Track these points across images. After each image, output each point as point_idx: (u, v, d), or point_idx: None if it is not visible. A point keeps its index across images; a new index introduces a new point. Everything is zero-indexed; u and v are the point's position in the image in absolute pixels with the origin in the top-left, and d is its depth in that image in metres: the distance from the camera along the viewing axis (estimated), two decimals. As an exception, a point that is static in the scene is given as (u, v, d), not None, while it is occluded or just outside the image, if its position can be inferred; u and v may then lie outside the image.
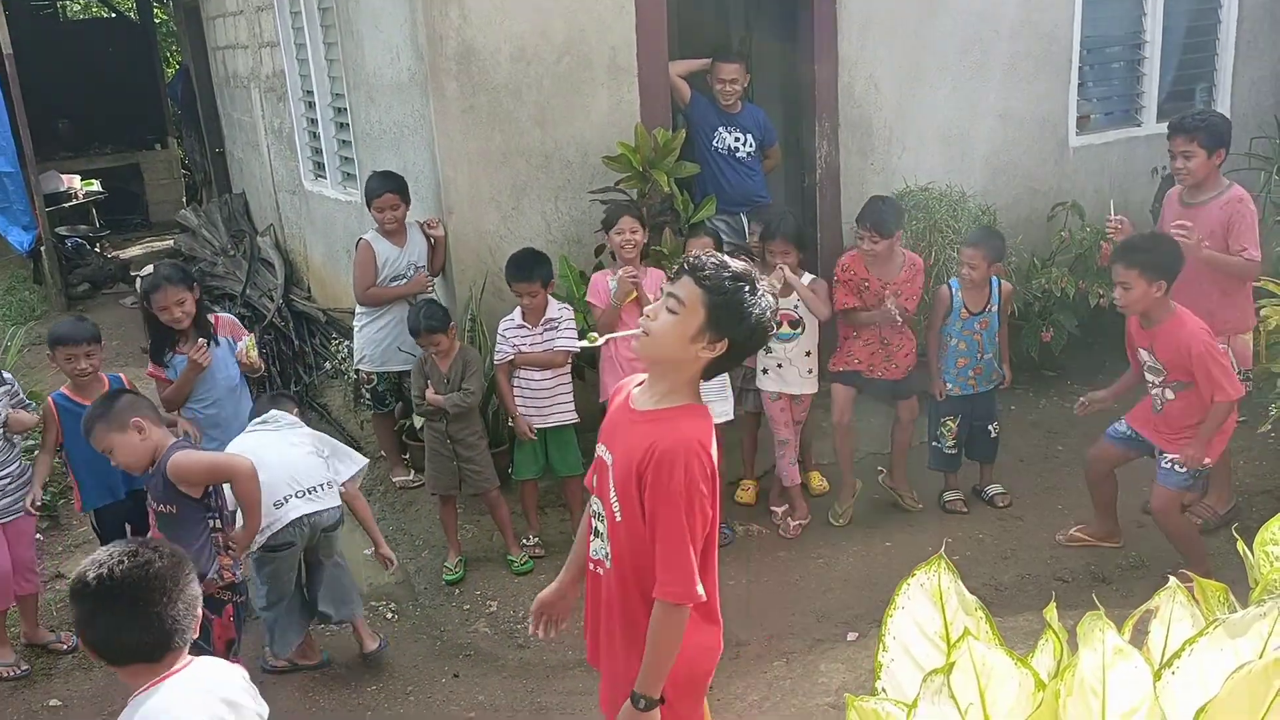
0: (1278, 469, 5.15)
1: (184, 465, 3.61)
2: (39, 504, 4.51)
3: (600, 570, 2.61)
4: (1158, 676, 1.55)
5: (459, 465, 4.93)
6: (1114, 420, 4.69)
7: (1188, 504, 4.68)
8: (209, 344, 4.61)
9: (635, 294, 4.89)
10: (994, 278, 5.15)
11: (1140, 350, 4.41)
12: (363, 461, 4.49)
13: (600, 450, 2.59)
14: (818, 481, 5.63)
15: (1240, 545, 2.06)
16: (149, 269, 4.77)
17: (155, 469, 3.61)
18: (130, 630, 2.14)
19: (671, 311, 2.40)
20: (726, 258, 2.47)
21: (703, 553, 2.46)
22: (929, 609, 1.70)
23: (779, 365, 5.14)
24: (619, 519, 2.48)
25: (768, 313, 2.44)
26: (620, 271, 4.89)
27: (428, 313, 4.92)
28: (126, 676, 2.19)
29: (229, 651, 3.69)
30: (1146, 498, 5.12)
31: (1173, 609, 1.69)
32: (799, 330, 5.07)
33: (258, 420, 4.32)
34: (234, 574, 3.79)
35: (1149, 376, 4.42)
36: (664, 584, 2.40)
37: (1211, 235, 4.57)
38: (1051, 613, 1.61)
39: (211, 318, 4.79)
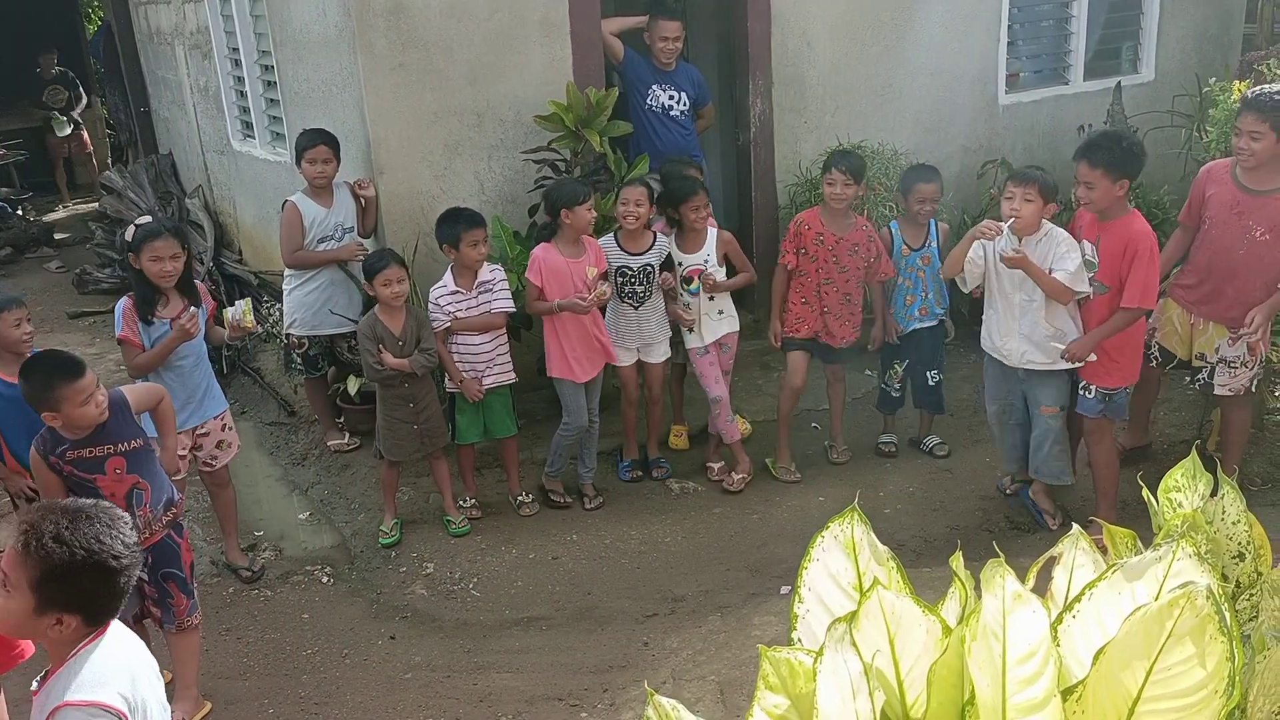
0: (1195, 419, 5.30)
1: (135, 394, 3.79)
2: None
3: None
4: (1059, 620, 1.61)
5: (419, 428, 4.88)
6: None
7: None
8: (197, 310, 4.37)
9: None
10: (931, 219, 5.25)
11: (1084, 243, 4.40)
12: None
13: None
14: (743, 426, 5.69)
15: (1145, 492, 2.13)
16: (145, 219, 4.58)
17: (112, 411, 3.59)
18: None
19: None
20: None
21: None
22: (843, 560, 1.74)
23: (689, 330, 5.20)
24: None
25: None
26: (593, 283, 4.87)
27: (378, 254, 4.87)
28: (72, 635, 2.10)
29: (191, 572, 3.81)
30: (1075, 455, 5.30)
31: (1075, 555, 1.75)
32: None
33: None
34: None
35: None
36: None
37: (1273, 228, 4.35)
38: (957, 561, 1.66)
39: (197, 284, 4.59)
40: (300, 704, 3.97)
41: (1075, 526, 1.79)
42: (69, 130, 11.89)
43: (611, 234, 5.18)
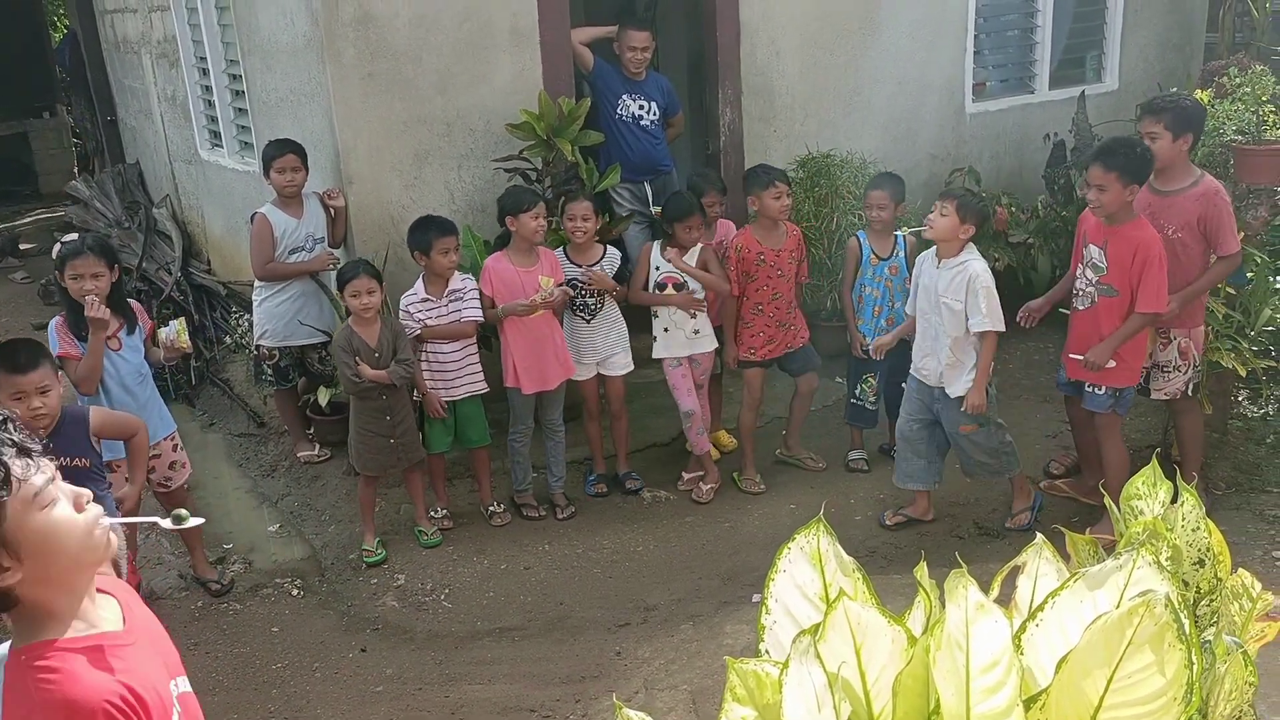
0: (1160, 426, 5.37)
1: (106, 417, 3.82)
2: None
3: None
4: (1023, 629, 1.63)
5: (395, 441, 4.84)
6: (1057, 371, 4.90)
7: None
8: (95, 298, 4.23)
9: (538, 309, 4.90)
10: (898, 231, 5.28)
11: (1091, 246, 4.48)
12: None
13: None
14: (727, 439, 5.74)
15: (1107, 500, 2.16)
16: (71, 237, 4.56)
17: (65, 424, 3.61)
18: None
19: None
20: None
21: None
22: (809, 571, 1.75)
23: (665, 330, 5.22)
24: None
25: None
26: (543, 281, 4.87)
27: (351, 264, 4.85)
28: None
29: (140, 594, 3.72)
30: (1043, 460, 5.35)
31: (1039, 564, 1.77)
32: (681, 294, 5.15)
33: None
34: None
35: (1088, 274, 4.51)
36: None
37: (1185, 226, 4.46)
38: (921, 572, 1.68)
39: (132, 303, 4.55)
40: (269, 718, 3.94)
41: (1039, 535, 1.80)
42: None
43: (561, 248, 5.19)
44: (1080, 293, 4.57)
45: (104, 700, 1.55)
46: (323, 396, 5.65)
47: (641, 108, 5.87)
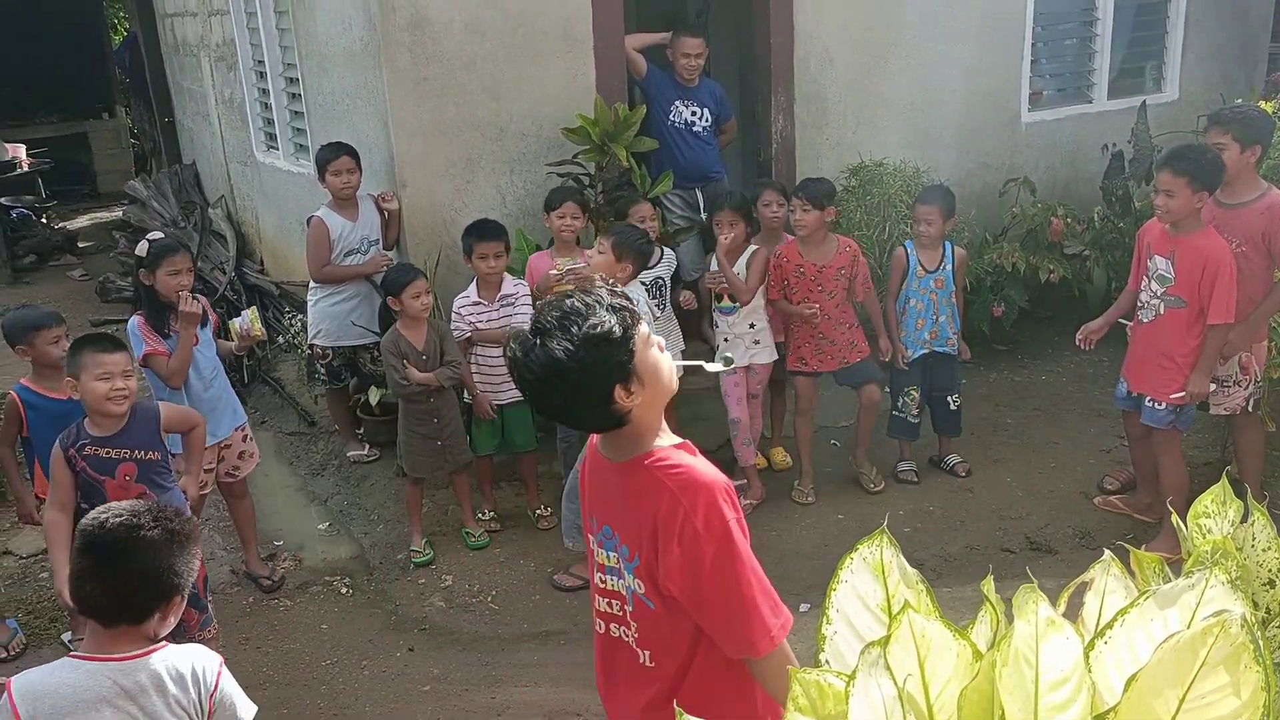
0: (1218, 442, 5.27)
1: (176, 410, 3.96)
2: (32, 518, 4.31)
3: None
4: (1091, 647, 1.60)
5: (442, 444, 4.87)
6: (1116, 383, 4.80)
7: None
8: (188, 293, 4.37)
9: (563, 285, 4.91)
10: (947, 242, 5.23)
11: (1156, 257, 4.39)
12: None
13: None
14: (781, 457, 5.65)
15: (1174, 518, 2.11)
16: (156, 234, 4.66)
17: (137, 417, 3.70)
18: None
19: None
20: None
21: None
22: (871, 582, 1.73)
23: (725, 339, 5.19)
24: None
25: None
26: (559, 263, 4.86)
27: (401, 269, 4.92)
28: (115, 638, 2.24)
29: (206, 588, 3.85)
30: (1097, 476, 5.27)
31: (1107, 581, 1.73)
32: (739, 304, 5.13)
33: None
34: None
35: (1153, 286, 4.42)
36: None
37: (1249, 239, 4.39)
38: (988, 585, 1.65)
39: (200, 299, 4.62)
40: (317, 714, 3.98)
41: (1107, 552, 1.77)
42: None
43: None
44: (1144, 305, 4.49)
45: (724, 480, 2.03)
46: (373, 396, 5.70)
47: (694, 114, 5.87)
